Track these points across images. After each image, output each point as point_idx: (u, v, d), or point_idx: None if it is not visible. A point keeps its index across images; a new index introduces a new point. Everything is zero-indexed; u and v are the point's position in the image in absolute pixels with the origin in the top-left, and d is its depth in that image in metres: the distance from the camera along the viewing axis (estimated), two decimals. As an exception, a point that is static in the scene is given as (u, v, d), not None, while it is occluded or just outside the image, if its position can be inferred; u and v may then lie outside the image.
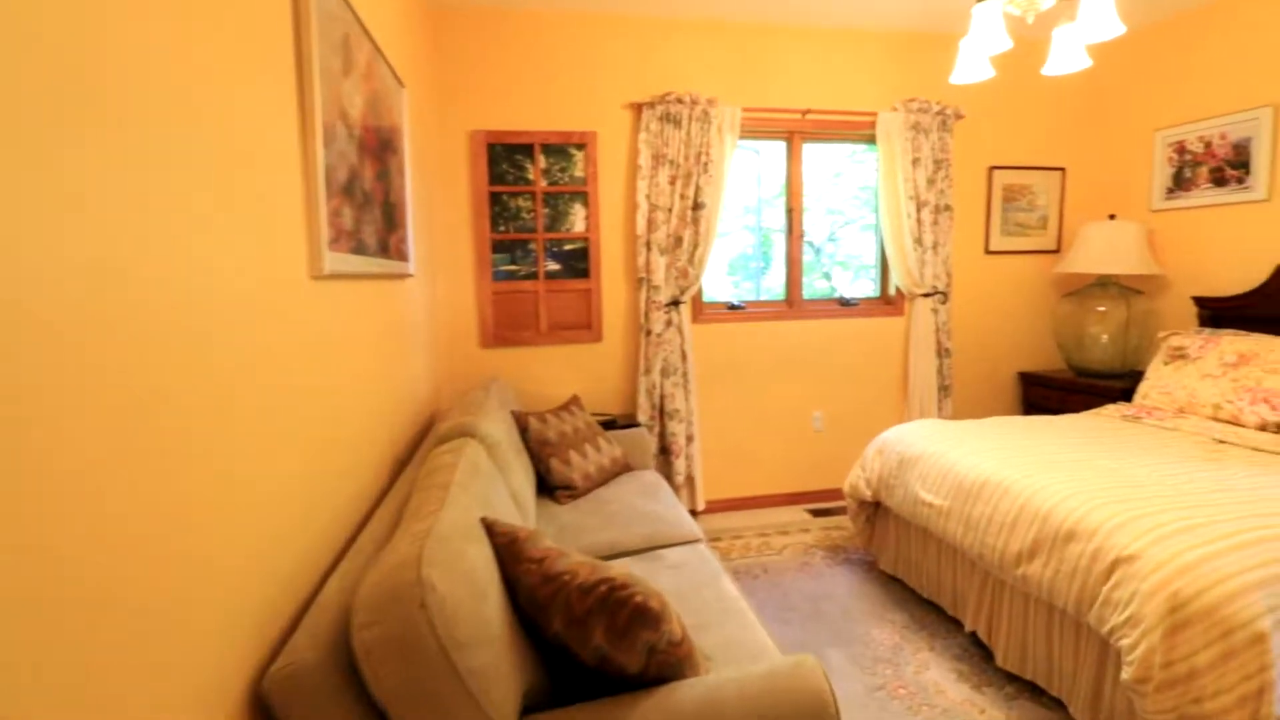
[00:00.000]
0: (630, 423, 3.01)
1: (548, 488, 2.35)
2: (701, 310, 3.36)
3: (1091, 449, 2.26)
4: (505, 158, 3.04)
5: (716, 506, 3.41)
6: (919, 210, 3.37)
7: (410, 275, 2.17)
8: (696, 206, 3.12)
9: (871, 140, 3.41)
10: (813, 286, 3.61)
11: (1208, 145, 3.08)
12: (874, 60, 3.39)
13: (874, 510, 2.72)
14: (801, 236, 3.46)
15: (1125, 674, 1.47)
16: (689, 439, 3.20)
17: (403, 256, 2.06)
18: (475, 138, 2.98)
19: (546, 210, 3.10)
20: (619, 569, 1.10)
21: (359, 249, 1.56)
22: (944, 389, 3.53)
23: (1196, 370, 2.72)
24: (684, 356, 3.17)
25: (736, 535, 3.12)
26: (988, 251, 3.66)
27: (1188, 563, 1.47)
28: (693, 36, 3.17)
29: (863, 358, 3.55)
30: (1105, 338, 3.37)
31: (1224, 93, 3.00)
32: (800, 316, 3.47)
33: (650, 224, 3.10)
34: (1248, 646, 1.36)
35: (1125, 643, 1.49)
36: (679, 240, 3.13)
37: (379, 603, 0.91)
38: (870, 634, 2.27)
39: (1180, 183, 3.23)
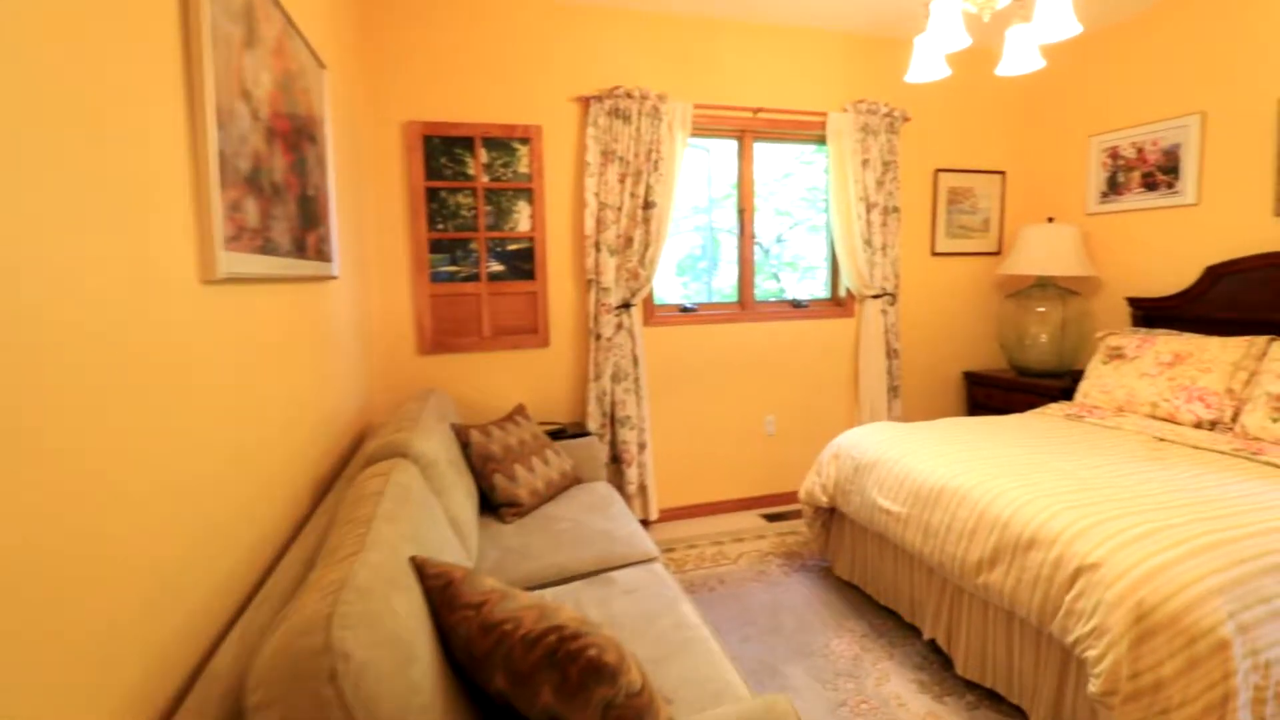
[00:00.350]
0: (580, 432, 2.86)
1: (492, 506, 2.18)
2: (653, 313, 3.25)
3: (1042, 450, 2.26)
4: (443, 151, 2.85)
5: (670, 515, 3.31)
6: (868, 211, 3.36)
7: (335, 278, 1.97)
8: (647, 205, 3.01)
9: (822, 141, 3.38)
10: (762, 288, 3.56)
11: (1140, 151, 3.18)
12: (824, 61, 3.36)
13: (830, 516, 2.67)
14: (753, 237, 3.40)
15: (1092, 687, 1.44)
16: (641, 446, 3.08)
17: (325, 257, 1.86)
18: (410, 129, 2.77)
19: (489, 208, 2.93)
20: (569, 614, 0.97)
21: (267, 248, 1.37)
22: (893, 390, 3.54)
23: (1134, 369, 2.79)
24: (635, 361, 3.05)
25: (691, 544, 3.02)
26: (934, 253, 3.69)
27: (1150, 570, 1.45)
28: (642, 29, 3.06)
29: (814, 360, 3.53)
30: (1044, 338, 3.44)
31: (1155, 100, 3.10)
32: (753, 319, 3.40)
33: (599, 223, 2.97)
34: (1211, 654, 1.34)
35: (1091, 654, 1.46)
36: (629, 240, 3.01)
37: (277, 677, 0.75)
38: (830, 646, 2.21)
39: (1114, 187, 3.32)
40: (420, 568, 1.05)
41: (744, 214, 3.37)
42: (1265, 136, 2.68)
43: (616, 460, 3.07)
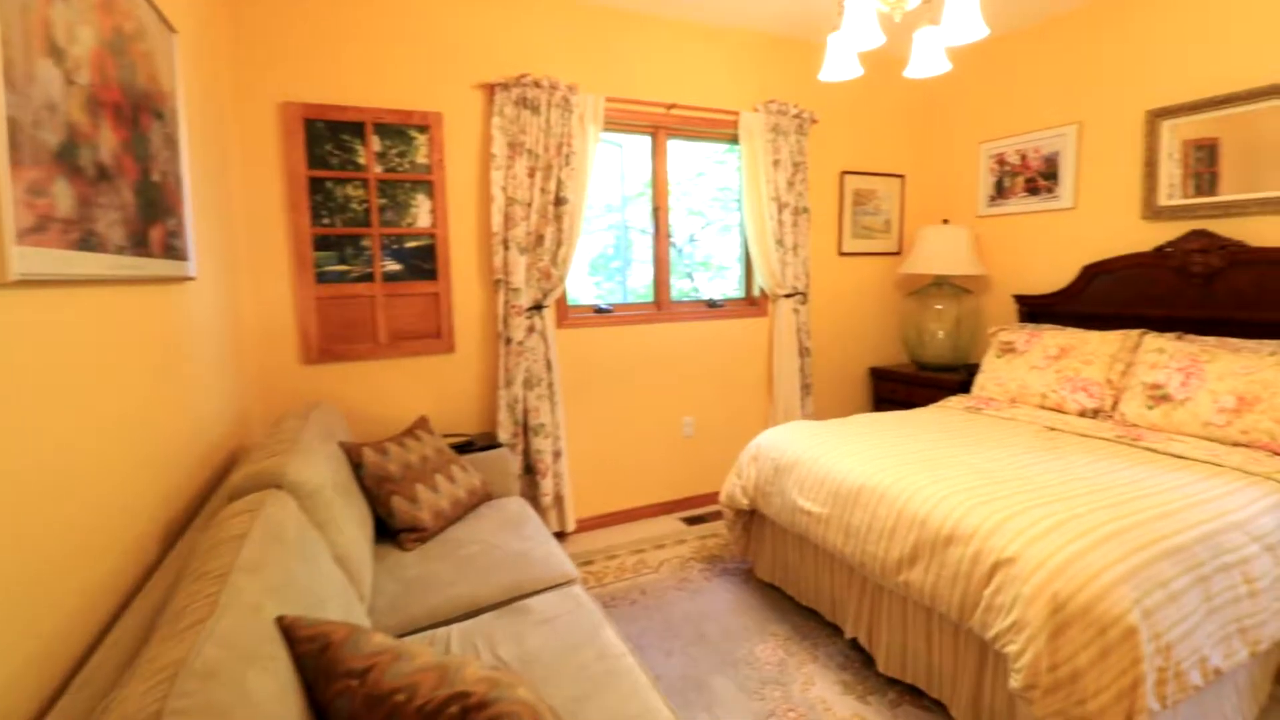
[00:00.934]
0: (490, 444, 2.67)
1: (391, 532, 1.96)
2: (566, 314, 3.10)
3: (950, 444, 2.32)
4: (329, 137, 2.57)
5: (588, 524, 3.18)
6: (780, 211, 3.37)
7: (191, 278, 1.69)
8: (559, 201, 2.86)
9: (734, 140, 3.36)
10: (676, 288, 3.50)
11: (1023, 158, 3.39)
12: (737, 59, 3.34)
13: (750, 518, 2.64)
14: (668, 236, 3.33)
15: (1014, 681, 1.45)
16: (556, 455, 2.93)
17: (177, 254, 1.58)
18: (288, 110, 2.47)
19: (383, 201, 2.67)
20: (475, 672, 0.82)
21: (89, 244, 1.12)
22: (805, 387, 3.58)
23: (1025, 363, 2.95)
24: (549, 366, 2.89)
25: (611, 555, 2.91)
26: (841, 253, 3.78)
27: (1062, 562, 1.48)
28: (552, 15, 2.90)
29: (730, 360, 3.51)
30: (942, 334, 3.61)
31: (1038, 110, 3.31)
32: (669, 319, 3.33)
33: (508, 219, 2.79)
34: (1121, 642, 1.38)
35: (1012, 649, 1.47)
36: (540, 238, 2.85)
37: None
38: (755, 653, 2.16)
39: (1001, 191, 3.53)
40: (289, 630, 0.86)
41: (659, 212, 3.29)
42: (1134, 146, 2.91)
43: (530, 471, 2.90)
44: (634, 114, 3.11)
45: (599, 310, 3.21)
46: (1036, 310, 3.32)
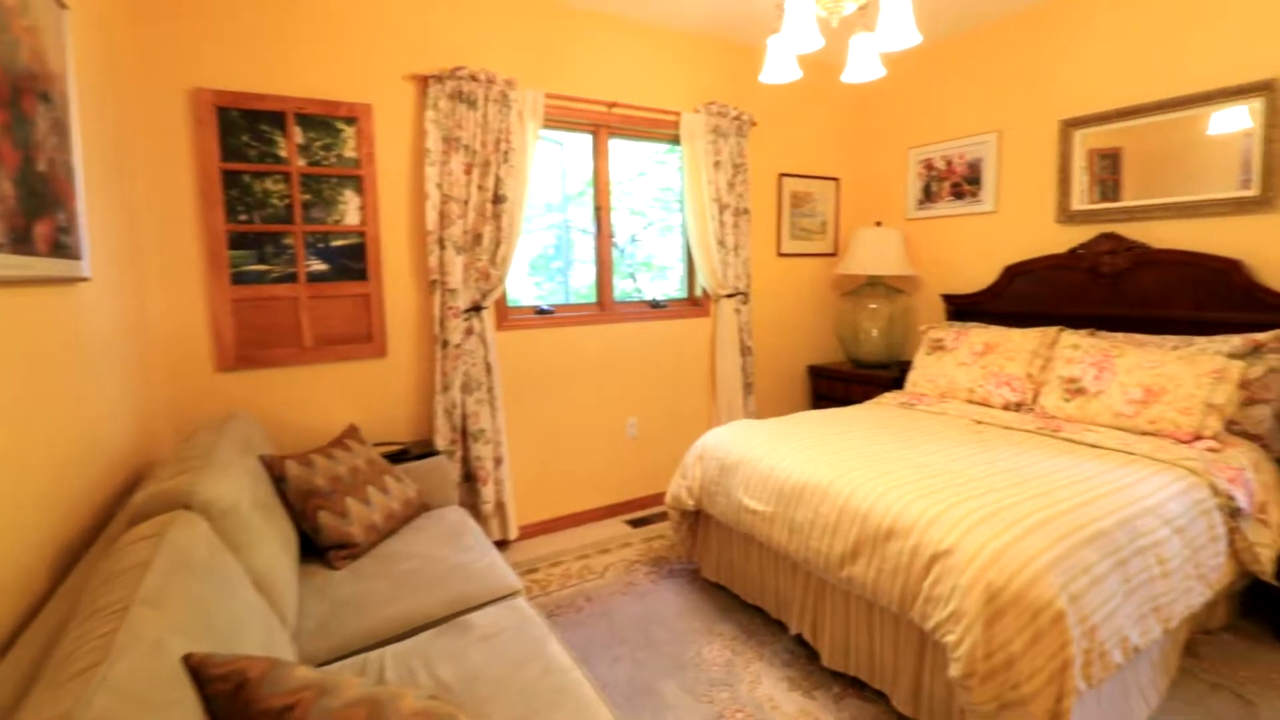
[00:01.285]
0: (426, 451, 2.56)
1: (319, 550, 1.84)
2: (506, 316, 3.01)
3: (887, 439, 2.38)
4: (246, 127, 2.40)
5: (532, 530, 3.11)
6: (721, 212, 3.39)
7: (85, 279, 1.53)
8: (498, 200, 2.77)
9: (675, 140, 3.36)
10: (618, 288, 3.47)
11: (949, 163, 3.54)
12: (679, 60, 3.34)
13: (696, 518, 2.64)
14: (610, 236, 3.29)
15: (953, 670, 1.49)
16: (498, 461, 2.84)
17: (66, 253, 1.43)
18: (199, 98, 2.29)
19: (307, 196, 2.52)
20: (411, 704, 0.76)
21: (-46, 238, 0.98)
22: (747, 386, 3.62)
23: (953, 359, 3.07)
24: (489, 369, 2.80)
25: (555, 561, 2.84)
26: (780, 254, 3.84)
27: (994, 552, 1.53)
28: (489, 5, 2.81)
29: (673, 360, 3.51)
30: (876, 332, 3.72)
31: (962, 118, 3.46)
32: (612, 320, 3.30)
33: (444, 218, 2.68)
34: (1051, 626, 1.44)
35: (950, 639, 1.51)
36: (478, 237, 2.76)
37: None
38: (702, 655, 2.16)
39: (929, 195, 3.67)
40: (198, 669, 0.78)
41: (601, 212, 3.25)
42: (1049, 153, 3.08)
43: (470, 479, 2.80)
44: (575, 111, 3.06)
45: (540, 311, 3.14)
46: (963, 309, 3.47)
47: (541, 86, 2.90)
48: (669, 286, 3.67)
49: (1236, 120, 2.50)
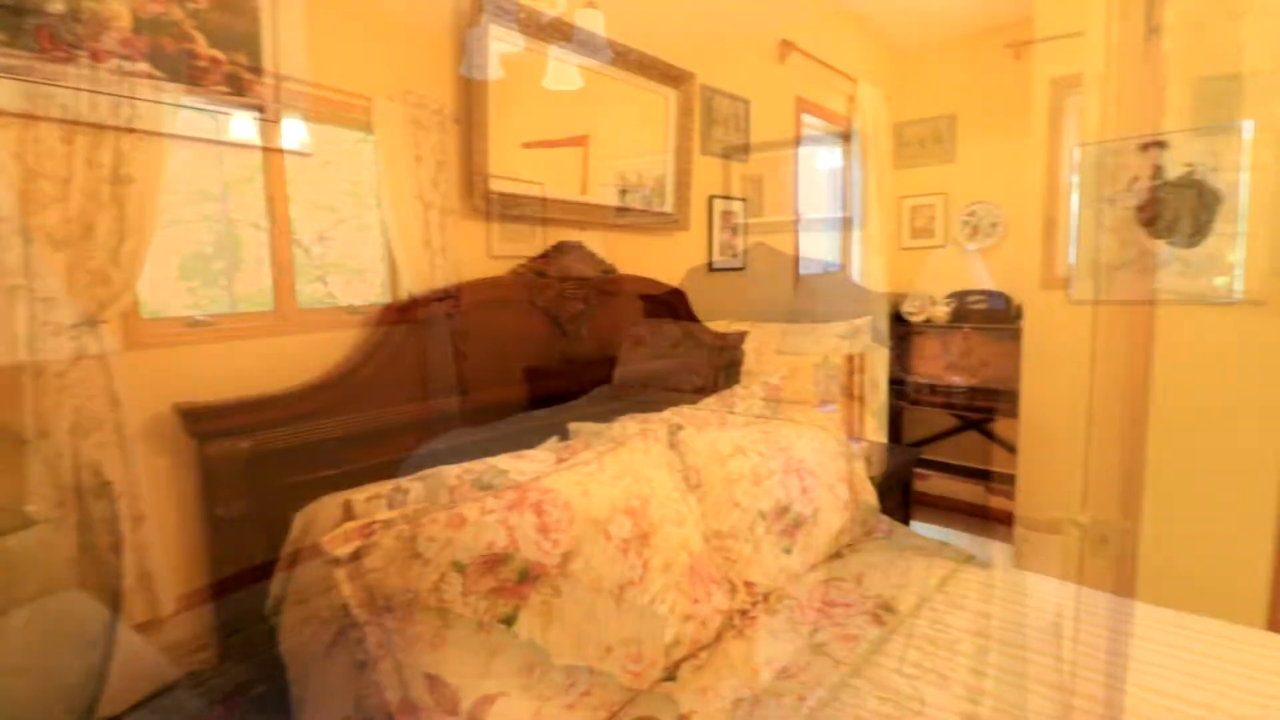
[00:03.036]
0: (17, 523, 1.85)
1: None
2: (143, 330, 2.35)
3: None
4: None
5: (203, 595, 2.50)
6: (426, 211, 3.17)
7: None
8: (120, 180, 2.13)
9: (368, 128, 3.02)
10: (305, 293, 3.01)
11: (639, 176, 3.89)
12: (371, 38, 2.98)
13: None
14: (290, 233, 2.81)
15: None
16: (138, 520, 2.21)
17: None
18: None
19: None
20: None
21: None
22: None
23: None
24: (115, 401, 2.15)
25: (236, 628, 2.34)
26: (492, 256, 3.75)
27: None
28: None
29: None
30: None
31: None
32: (296, 330, 2.83)
33: (29, 200, 1.96)
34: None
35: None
36: (89, 229, 2.08)
37: None
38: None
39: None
40: None
41: (274, 203, 2.75)
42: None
43: (91, 550, 2.12)
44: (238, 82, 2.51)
45: (194, 322, 2.53)
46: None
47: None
48: (369, 290, 3.30)
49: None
